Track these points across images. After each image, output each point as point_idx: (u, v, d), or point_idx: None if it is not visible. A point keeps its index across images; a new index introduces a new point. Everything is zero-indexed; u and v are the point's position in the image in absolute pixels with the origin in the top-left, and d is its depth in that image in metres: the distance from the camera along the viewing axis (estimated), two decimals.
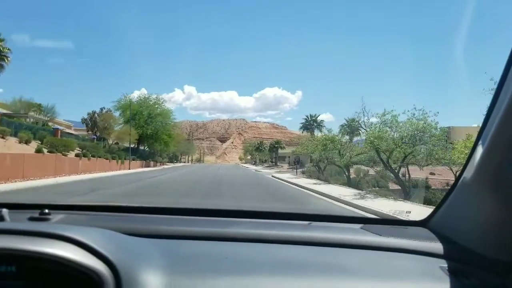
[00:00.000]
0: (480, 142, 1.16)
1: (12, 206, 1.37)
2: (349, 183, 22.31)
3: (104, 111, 54.36)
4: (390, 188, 20.99)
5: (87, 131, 52.44)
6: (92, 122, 51.45)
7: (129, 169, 45.37)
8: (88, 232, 1.06)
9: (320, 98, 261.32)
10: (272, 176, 30.56)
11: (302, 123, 62.81)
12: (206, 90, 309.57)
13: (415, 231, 1.47)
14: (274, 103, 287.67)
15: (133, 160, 50.41)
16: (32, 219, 1.29)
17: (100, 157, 37.16)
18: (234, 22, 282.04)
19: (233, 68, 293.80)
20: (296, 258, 1.21)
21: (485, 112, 1.19)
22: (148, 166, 58.30)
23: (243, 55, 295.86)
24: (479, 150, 1.13)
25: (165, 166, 63.69)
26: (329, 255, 1.25)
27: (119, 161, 43.76)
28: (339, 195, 14.69)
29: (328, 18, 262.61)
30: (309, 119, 61.94)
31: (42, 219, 1.29)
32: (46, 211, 1.32)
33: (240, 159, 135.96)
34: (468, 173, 1.20)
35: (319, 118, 61.62)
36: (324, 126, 56.95)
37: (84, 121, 53.12)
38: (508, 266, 1.12)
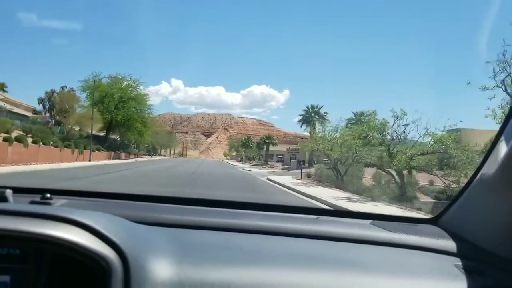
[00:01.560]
0: (502, 138, 1.14)
1: (10, 189, 1.23)
2: (410, 200, 13.31)
3: (66, 90, 45.69)
4: None
5: (45, 113, 43.77)
6: (50, 103, 42.67)
7: (89, 160, 37.27)
8: (95, 216, 1.02)
9: (308, 98, 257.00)
10: (268, 180, 22.89)
11: (301, 115, 51.74)
12: (194, 85, 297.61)
13: (426, 228, 1.44)
14: (261, 101, 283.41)
15: (97, 150, 42.12)
16: (33, 202, 1.21)
17: (46, 144, 28.87)
18: (224, 18, 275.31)
19: (222, 64, 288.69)
20: (306, 251, 1.20)
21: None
22: (118, 158, 50.00)
23: (232, 50, 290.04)
24: (502, 147, 1.11)
25: (139, 159, 55.48)
26: (339, 249, 1.24)
27: (77, 150, 35.55)
28: None
29: (319, 17, 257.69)
30: (310, 111, 50.36)
31: (44, 203, 1.22)
32: (48, 195, 1.26)
33: (225, 155, 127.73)
34: (487, 170, 1.17)
35: (322, 110, 50.85)
36: (328, 119, 47.39)
37: (41, 101, 44.30)
38: None
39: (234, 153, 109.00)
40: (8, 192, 1.14)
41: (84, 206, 1.36)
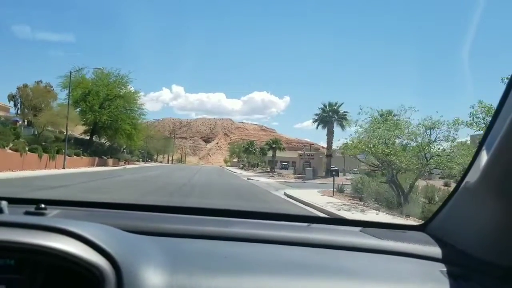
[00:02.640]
0: (484, 146, 1.16)
1: (5, 200, 1.26)
2: None
3: (42, 85, 39.35)
4: None
5: (16, 112, 37.41)
6: (22, 100, 36.26)
7: (63, 168, 30.92)
8: (88, 227, 1.03)
9: (308, 104, 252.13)
10: (288, 197, 16.56)
11: (317, 115, 41.54)
12: (194, 91, 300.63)
13: (414, 235, 1.45)
14: (262, 107, 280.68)
15: (75, 155, 35.76)
16: (28, 213, 1.25)
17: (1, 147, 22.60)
18: (225, 25, 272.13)
19: (223, 70, 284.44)
20: (295, 258, 1.20)
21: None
22: (104, 164, 43.66)
23: (233, 57, 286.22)
24: (483, 156, 1.13)
25: (129, 166, 49.04)
26: (328, 256, 1.24)
27: (47, 155, 29.23)
28: None
29: (319, 25, 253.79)
30: (327, 109, 40.12)
31: (38, 213, 1.25)
32: (42, 205, 1.28)
33: (225, 161, 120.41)
34: (472, 178, 1.19)
35: (342, 108, 40.45)
36: (348, 119, 38.65)
37: (11, 98, 37.84)
38: (508, 271, 1.13)
39: (235, 159, 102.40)
40: (3, 203, 1.15)
41: (77, 216, 1.38)
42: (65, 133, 33.72)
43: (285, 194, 17.71)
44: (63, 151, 31.46)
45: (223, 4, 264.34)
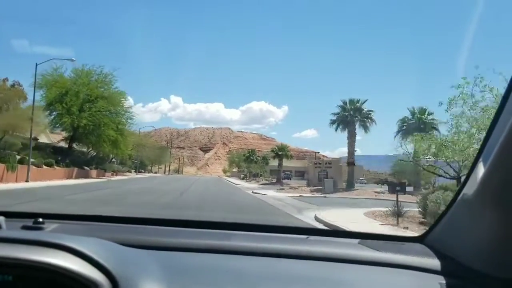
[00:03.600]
0: (481, 157, 1.16)
1: (3, 215, 1.26)
2: None
3: (8, 83, 33.52)
4: None
5: None
6: None
7: (26, 181, 25.08)
8: (85, 242, 1.03)
9: (306, 113, 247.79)
10: (324, 226, 10.59)
11: (335, 114, 34.20)
12: (193, 101, 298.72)
13: (412, 247, 1.44)
14: (260, 117, 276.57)
15: (46, 165, 29.88)
16: (25, 227, 1.25)
17: None
18: (223, 35, 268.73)
19: (221, 80, 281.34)
20: (294, 271, 1.20)
21: None
22: (85, 176, 37.76)
23: (231, 67, 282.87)
24: (480, 168, 1.13)
25: (115, 178, 43.14)
26: (327, 269, 1.24)
27: (6, 165, 23.48)
28: None
29: (318, 35, 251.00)
30: (348, 108, 32.92)
31: (36, 228, 1.25)
32: (40, 220, 1.29)
33: (224, 171, 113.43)
34: (469, 189, 1.19)
35: (366, 106, 34.17)
36: (373, 119, 33.32)
37: None
38: (506, 283, 1.12)
39: (234, 169, 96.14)
40: (1, 218, 1.15)
41: (75, 230, 1.39)
42: (33, 139, 27.90)
43: (316, 219, 11.83)
44: (27, 160, 25.66)
45: (221, 16, 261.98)
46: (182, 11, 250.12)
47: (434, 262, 1.28)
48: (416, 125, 31.61)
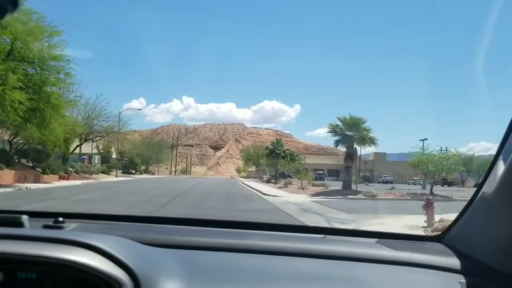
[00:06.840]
0: (500, 157, 1.16)
1: (26, 214, 1.29)
2: None
3: None
4: None
5: None
6: None
7: None
8: (107, 240, 1.06)
9: (319, 113, 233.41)
10: None
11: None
12: (205, 101, 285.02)
13: (431, 246, 1.44)
14: (272, 116, 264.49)
15: None
16: (46, 226, 1.28)
17: None
18: (234, 35, 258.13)
19: (233, 80, 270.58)
20: (312, 270, 1.20)
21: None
22: (25, 180, 24.27)
23: (243, 67, 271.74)
24: (500, 166, 1.13)
25: (79, 182, 29.25)
26: (345, 268, 1.24)
27: None
28: None
29: (330, 33, 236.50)
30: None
31: (57, 227, 1.28)
32: (60, 219, 1.31)
33: (238, 171, 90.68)
34: (488, 188, 1.19)
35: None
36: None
37: None
38: None
39: (251, 168, 78.04)
40: (24, 218, 1.18)
41: (95, 229, 1.40)
42: None
43: None
44: None
45: (234, 19, 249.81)
46: (195, 13, 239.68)
47: (453, 261, 1.26)
48: None
